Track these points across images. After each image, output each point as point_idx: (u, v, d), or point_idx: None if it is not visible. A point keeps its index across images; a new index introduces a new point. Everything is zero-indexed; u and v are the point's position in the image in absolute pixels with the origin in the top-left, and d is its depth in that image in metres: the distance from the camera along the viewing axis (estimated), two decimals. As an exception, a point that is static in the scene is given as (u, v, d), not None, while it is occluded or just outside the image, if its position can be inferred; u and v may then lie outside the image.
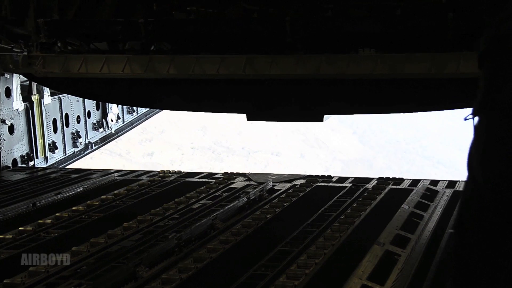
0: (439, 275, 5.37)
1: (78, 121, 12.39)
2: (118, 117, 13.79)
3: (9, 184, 9.26)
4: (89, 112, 12.72)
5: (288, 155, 31.53)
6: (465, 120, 2.23)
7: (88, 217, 7.25)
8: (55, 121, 11.66)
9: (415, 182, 8.89)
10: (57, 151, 11.69)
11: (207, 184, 8.82)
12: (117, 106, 13.47)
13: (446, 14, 7.77)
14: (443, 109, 8.85)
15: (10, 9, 9.81)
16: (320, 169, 30.52)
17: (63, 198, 8.28)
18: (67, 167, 11.80)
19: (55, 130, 11.68)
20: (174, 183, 9.16)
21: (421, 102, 8.63)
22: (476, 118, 2.19)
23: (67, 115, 11.98)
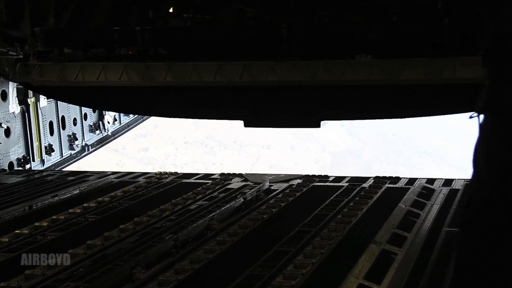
0: (436, 274, 5.38)
1: (75, 124, 12.39)
2: (115, 119, 13.78)
3: (5, 187, 9.25)
4: (85, 114, 12.72)
5: (279, 148, 31.73)
6: (470, 118, 2.23)
7: (84, 219, 7.25)
8: (51, 123, 11.65)
9: (411, 181, 8.90)
10: (53, 153, 11.68)
11: (204, 185, 8.82)
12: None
13: (441, 19, 7.79)
14: (441, 114, 8.86)
15: (6, 12, 9.80)
16: (310, 161, 30.68)
17: (59, 201, 8.27)
18: (64, 169, 11.80)
19: (51, 133, 11.67)
20: (171, 184, 9.16)
21: (419, 108, 8.63)
22: (481, 116, 2.19)
23: (63, 117, 11.97)
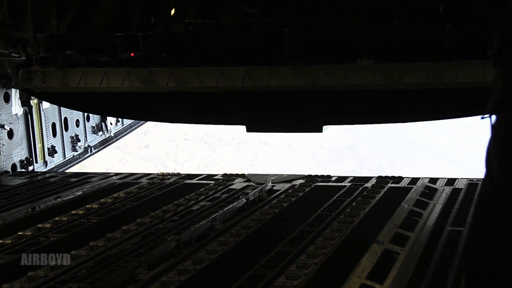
0: (438, 273, 5.37)
1: (77, 125, 12.40)
2: (117, 120, 13.80)
3: (8, 189, 9.26)
4: (88, 115, 12.73)
5: (276, 144, 31.83)
6: (482, 119, 2.21)
7: (87, 220, 7.25)
8: (54, 125, 11.67)
9: (414, 180, 8.90)
10: (56, 155, 11.69)
11: (206, 186, 8.83)
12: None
13: (443, 23, 7.79)
14: (443, 118, 8.85)
15: (8, 14, 9.82)
16: (307, 156, 30.77)
17: (62, 202, 8.28)
18: (67, 171, 11.81)
19: (54, 134, 11.69)
20: (173, 185, 9.17)
21: (421, 112, 8.61)
22: (493, 116, 2.17)
23: (66, 119, 11.99)
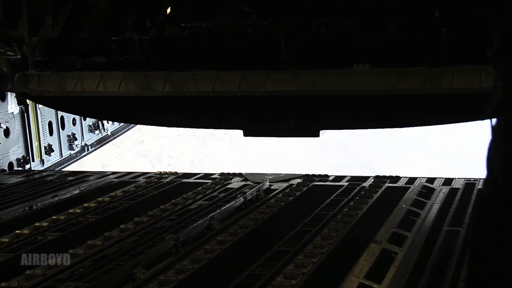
0: (436, 273, 5.38)
1: (74, 124, 12.38)
2: (114, 119, 13.77)
3: (5, 187, 9.24)
4: (84, 114, 12.71)
5: (267, 139, 32.02)
6: (483, 120, 2.18)
7: (85, 219, 7.24)
8: (50, 123, 11.64)
9: (411, 180, 8.91)
10: (53, 153, 11.67)
11: (204, 185, 8.82)
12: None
13: (439, 28, 7.81)
14: (440, 123, 8.83)
15: (3, 12, 9.79)
16: (298, 150, 30.92)
17: (59, 201, 8.27)
18: (64, 169, 11.79)
19: (51, 133, 11.67)
20: (171, 184, 9.16)
21: (418, 117, 8.63)
22: (494, 118, 2.15)
23: (62, 117, 11.97)
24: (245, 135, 9.02)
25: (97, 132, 13.18)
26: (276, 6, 8.85)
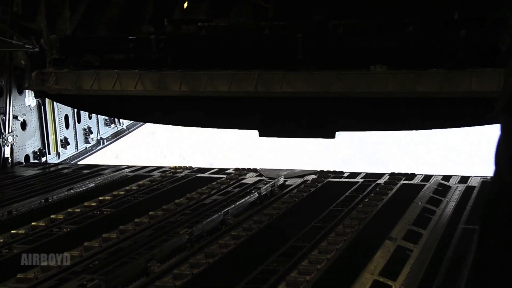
0: (451, 271, 5.35)
1: (90, 117, 12.43)
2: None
3: (21, 179, 9.30)
4: (100, 108, 12.75)
5: None
6: (489, 117, 2.13)
7: (100, 212, 7.27)
8: (67, 117, 11.70)
9: (427, 178, 8.85)
10: (69, 147, 11.73)
11: (219, 180, 8.82)
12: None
13: (458, 31, 7.73)
14: (458, 126, 8.77)
15: (22, 5, 9.86)
16: (298, 143, 31.02)
17: (75, 194, 8.31)
18: (79, 162, 11.85)
19: (67, 126, 11.73)
20: (186, 178, 9.17)
21: (435, 119, 8.56)
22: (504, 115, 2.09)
23: (79, 111, 12.01)
24: (260, 135, 9.02)
25: (112, 126, 13.23)
26: (293, 2, 8.82)
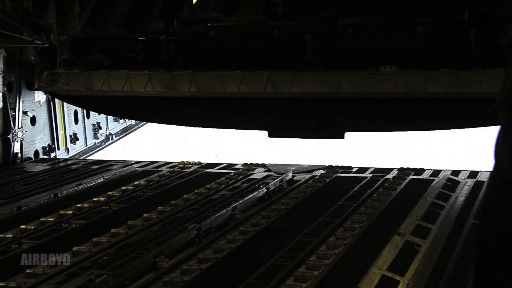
0: (460, 266, 5.33)
1: (99, 113, 12.46)
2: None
3: (31, 175, 9.35)
4: (109, 103, 12.79)
5: None
6: (491, 110, 2.06)
7: (108, 208, 7.30)
8: (76, 112, 11.74)
9: (436, 173, 8.82)
10: (78, 142, 11.78)
11: (227, 175, 8.83)
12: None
13: (468, 31, 7.67)
14: (469, 127, 8.72)
15: (32, 1, 9.88)
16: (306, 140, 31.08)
17: (84, 189, 8.34)
18: (88, 158, 11.90)
19: (76, 122, 11.77)
20: (194, 174, 9.19)
21: (445, 120, 8.51)
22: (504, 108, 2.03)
23: (87, 106, 12.05)
24: (270, 135, 9.01)
25: (121, 121, 13.26)
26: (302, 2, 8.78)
